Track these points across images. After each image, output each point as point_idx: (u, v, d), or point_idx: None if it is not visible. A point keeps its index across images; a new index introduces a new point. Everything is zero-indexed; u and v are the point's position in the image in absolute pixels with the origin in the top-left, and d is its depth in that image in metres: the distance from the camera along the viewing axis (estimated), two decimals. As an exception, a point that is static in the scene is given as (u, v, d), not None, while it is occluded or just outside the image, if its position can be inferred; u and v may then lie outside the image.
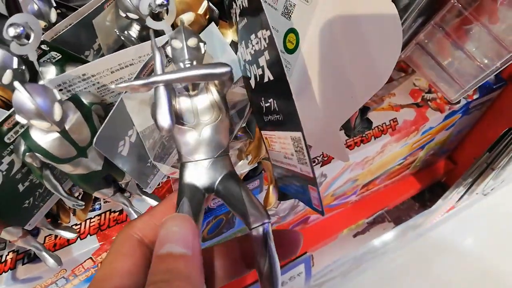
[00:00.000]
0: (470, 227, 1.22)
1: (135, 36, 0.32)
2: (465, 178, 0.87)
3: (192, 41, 0.24)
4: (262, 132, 0.29)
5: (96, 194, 0.34)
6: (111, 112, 0.24)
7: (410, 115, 0.72)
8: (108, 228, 0.51)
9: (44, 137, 0.25)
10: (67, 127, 0.26)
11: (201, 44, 0.24)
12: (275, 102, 0.25)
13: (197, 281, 0.19)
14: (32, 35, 0.23)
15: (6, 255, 0.50)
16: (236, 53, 0.30)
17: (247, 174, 0.54)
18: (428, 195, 1.00)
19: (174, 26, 0.28)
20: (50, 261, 0.41)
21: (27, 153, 0.25)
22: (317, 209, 0.24)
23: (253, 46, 0.25)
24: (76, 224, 0.51)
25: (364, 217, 0.92)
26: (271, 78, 0.24)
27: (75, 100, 0.27)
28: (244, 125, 0.37)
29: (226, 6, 0.31)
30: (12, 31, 0.22)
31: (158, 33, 0.27)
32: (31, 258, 0.49)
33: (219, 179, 0.25)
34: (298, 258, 0.86)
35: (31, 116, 0.22)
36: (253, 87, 0.27)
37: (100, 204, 0.53)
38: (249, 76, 0.27)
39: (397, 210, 1.00)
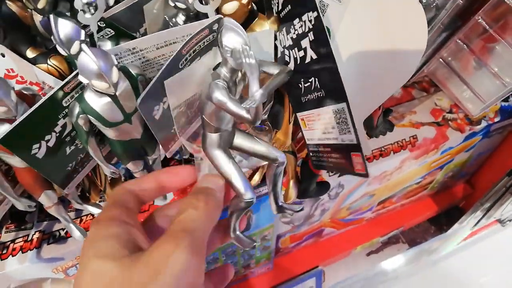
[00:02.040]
0: (487, 262, 1.19)
1: (180, 24, 0.35)
2: (482, 202, 0.86)
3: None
4: (298, 114, 0.31)
5: (129, 165, 0.36)
6: (155, 78, 0.26)
7: (430, 133, 0.73)
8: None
9: (97, 100, 0.28)
10: (117, 93, 0.28)
11: None
12: (316, 80, 0.27)
13: (220, 202, 0.27)
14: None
15: (33, 235, 0.52)
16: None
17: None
18: (444, 219, 0.99)
19: (218, 11, 0.31)
20: (77, 233, 0.43)
21: (80, 115, 0.28)
22: (361, 173, 0.26)
23: (295, 30, 0.27)
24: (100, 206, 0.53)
25: (379, 235, 0.92)
26: (314, 57, 0.26)
27: (124, 70, 0.29)
28: (265, 116, 0.40)
29: (266, -1, 0.33)
30: (86, -1, 0.25)
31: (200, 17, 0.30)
32: (56, 239, 0.51)
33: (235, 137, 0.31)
34: (310, 271, 0.86)
35: (92, 77, 0.25)
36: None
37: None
38: (288, 61, 0.30)
39: (413, 232, 0.99)
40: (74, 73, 0.27)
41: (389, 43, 0.32)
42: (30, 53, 0.30)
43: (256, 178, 0.54)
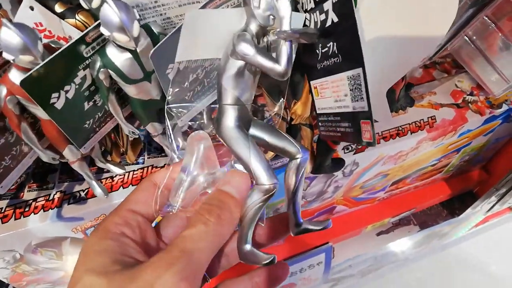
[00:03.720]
0: (498, 250, 1.18)
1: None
2: (498, 187, 0.85)
3: None
4: (312, 82, 0.31)
5: (148, 127, 0.37)
6: (170, 33, 0.27)
7: (449, 115, 0.72)
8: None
9: (119, 55, 0.28)
10: (138, 50, 0.28)
11: None
12: (335, 44, 0.27)
13: (235, 217, 0.26)
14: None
15: (54, 194, 0.53)
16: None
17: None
18: (457, 203, 0.99)
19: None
20: (98, 190, 0.44)
21: (101, 69, 0.28)
22: (368, 141, 0.26)
23: (318, -8, 0.27)
24: (120, 174, 0.54)
25: (390, 216, 0.92)
26: (335, 20, 0.26)
27: (146, 28, 0.29)
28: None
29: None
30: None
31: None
32: (76, 199, 0.53)
33: (251, 126, 0.28)
34: (320, 247, 0.87)
35: (114, 29, 0.25)
36: (311, 36, 0.29)
37: (143, 158, 0.56)
38: (308, 25, 0.29)
39: (424, 215, 0.99)
40: (96, 23, 0.27)
41: (416, 11, 0.31)
42: (58, 8, 0.30)
43: (270, 152, 0.54)
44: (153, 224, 0.28)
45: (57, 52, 0.27)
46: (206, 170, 0.27)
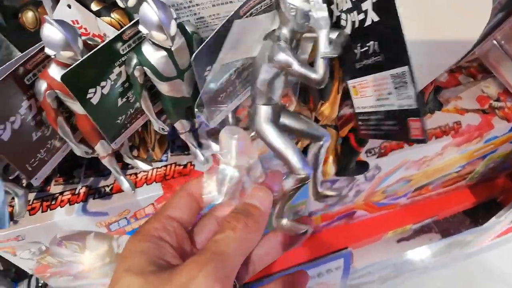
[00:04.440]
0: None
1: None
2: (525, 197, 0.83)
3: None
4: (350, 82, 0.31)
5: (177, 124, 0.37)
6: (211, 35, 0.27)
7: (475, 120, 0.71)
8: (172, 178, 0.55)
9: (154, 53, 0.29)
10: (173, 48, 0.29)
11: None
12: (376, 43, 0.27)
13: (261, 226, 0.27)
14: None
15: (80, 189, 0.55)
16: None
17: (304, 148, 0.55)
18: (481, 212, 0.96)
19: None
20: (126, 185, 0.45)
21: (137, 67, 0.29)
22: (418, 138, 0.26)
23: (356, -8, 0.27)
24: (144, 171, 0.55)
25: (412, 222, 0.90)
26: (376, 19, 0.26)
27: (180, 27, 0.30)
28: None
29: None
30: None
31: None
32: (101, 194, 0.54)
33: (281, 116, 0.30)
34: (339, 252, 0.86)
35: (152, 27, 0.26)
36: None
37: (167, 156, 0.57)
38: (344, 25, 0.29)
39: (447, 222, 0.97)
40: (134, 21, 0.28)
41: (449, 14, 0.31)
42: (94, 6, 0.31)
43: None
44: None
45: (96, 49, 0.27)
46: (244, 161, 0.28)
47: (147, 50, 0.29)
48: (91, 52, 0.27)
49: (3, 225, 0.34)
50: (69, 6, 0.30)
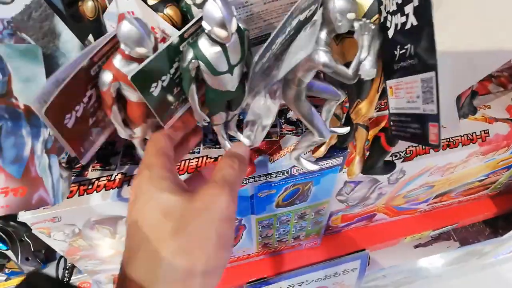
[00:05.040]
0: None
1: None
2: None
3: None
4: (388, 82, 0.32)
5: (216, 116, 0.39)
6: (273, 34, 0.29)
7: (503, 130, 0.71)
8: (202, 172, 0.57)
9: (210, 48, 0.30)
10: (227, 44, 0.30)
11: None
12: (412, 47, 0.28)
13: (246, 165, 0.37)
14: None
15: (116, 175, 0.57)
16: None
17: (333, 146, 0.56)
18: (502, 223, 0.96)
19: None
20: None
21: (192, 60, 0.31)
22: (433, 144, 0.27)
23: (402, -5, 0.28)
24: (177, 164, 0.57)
25: (431, 229, 0.90)
26: (415, 23, 0.27)
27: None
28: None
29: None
30: None
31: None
32: (135, 182, 0.56)
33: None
34: (356, 253, 0.87)
35: (215, 24, 0.28)
36: (390, 37, 0.31)
37: (199, 148, 0.59)
38: (389, 27, 0.31)
39: (466, 231, 0.96)
40: (195, 20, 0.29)
41: (491, 21, 0.32)
42: (150, 0, 0.33)
43: (322, 149, 0.55)
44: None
45: (162, 49, 0.29)
46: None
47: (204, 44, 0.30)
48: (157, 53, 0.29)
49: (57, 200, 0.37)
50: (127, -2, 0.32)
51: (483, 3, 0.32)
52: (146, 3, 0.33)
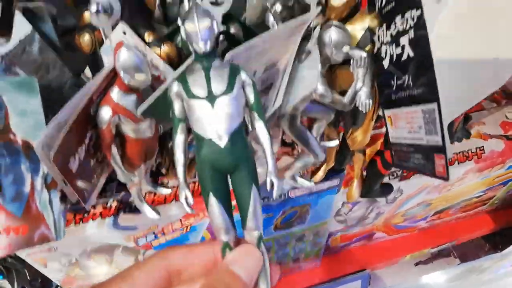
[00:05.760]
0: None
1: (278, 11, 0.37)
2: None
3: None
4: (387, 111, 0.32)
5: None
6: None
7: (498, 146, 0.71)
8: (200, 195, 0.56)
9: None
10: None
11: None
12: (410, 78, 0.28)
13: None
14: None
15: (111, 202, 0.56)
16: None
17: (331, 168, 0.56)
18: (500, 238, 0.95)
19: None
20: (151, 212, 0.46)
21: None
22: (441, 176, 0.27)
23: (396, 27, 0.29)
24: (174, 187, 0.56)
25: (430, 246, 0.90)
26: (411, 55, 0.27)
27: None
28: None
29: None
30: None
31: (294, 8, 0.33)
32: (132, 209, 0.55)
33: None
34: (357, 273, 0.86)
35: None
36: (385, 67, 0.31)
37: (196, 173, 0.58)
38: (383, 57, 0.31)
39: (465, 247, 0.96)
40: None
41: (486, 47, 0.32)
42: (147, 37, 0.33)
43: (320, 173, 0.55)
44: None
45: (165, 86, 0.28)
46: None
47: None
48: (162, 88, 0.28)
49: (59, 236, 0.36)
50: (124, 33, 0.32)
51: (475, 29, 0.32)
52: (143, 40, 0.33)
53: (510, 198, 0.89)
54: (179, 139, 0.27)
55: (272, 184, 0.27)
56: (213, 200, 0.26)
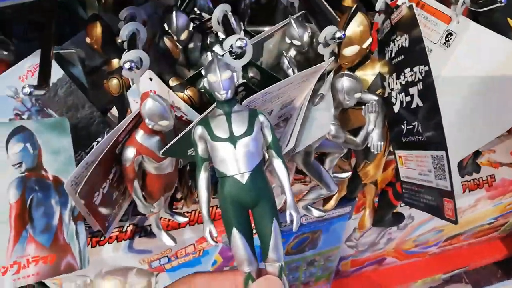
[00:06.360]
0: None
1: (292, 56, 0.39)
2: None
3: None
4: (398, 152, 0.34)
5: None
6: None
7: (509, 174, 0.72)
8: (214, 220, 0.57)
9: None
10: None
11: None
12: (419, 125, 0.29)
13: None
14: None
15: (127, 226, 0.58)
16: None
17: (343, 196, 0.57)
18: (513, 264, 0.95)
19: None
20: (169, 240, 0.48)
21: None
22: (450, 219, 0.28)
23: (405, 78, 0.30)
24: (187, 212, 0.58)
25: (442, 272, 0.89)
26: (420, 104, 0.29)
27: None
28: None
29: (379, 43, 0.37)
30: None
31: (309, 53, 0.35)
32: (147, 233, 0.57)
33: None
34: (367, 298, 0.86)
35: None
36: (395, 111, 0.32)
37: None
38: (394, 102, 0.32)
39: (477, 273, 0.95)
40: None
41: (493, 90, 0.33)
42: (172, 82, 0.36)
43: (332, 203, 0.56)
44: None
45: (189, 127, 0.30)
46: None
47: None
48: (185, 131, 0.31)
49: (84, 265, 0.38)
50: (150, 79, 0.34)
51: (488, 71, 0.33)
52: (167, 85, 0.35)
53: (523, 225, 0.89)
54: (203, 177, 0.29)
55: (292, 218, 0.29)
56: (236, 234, 0.27)
